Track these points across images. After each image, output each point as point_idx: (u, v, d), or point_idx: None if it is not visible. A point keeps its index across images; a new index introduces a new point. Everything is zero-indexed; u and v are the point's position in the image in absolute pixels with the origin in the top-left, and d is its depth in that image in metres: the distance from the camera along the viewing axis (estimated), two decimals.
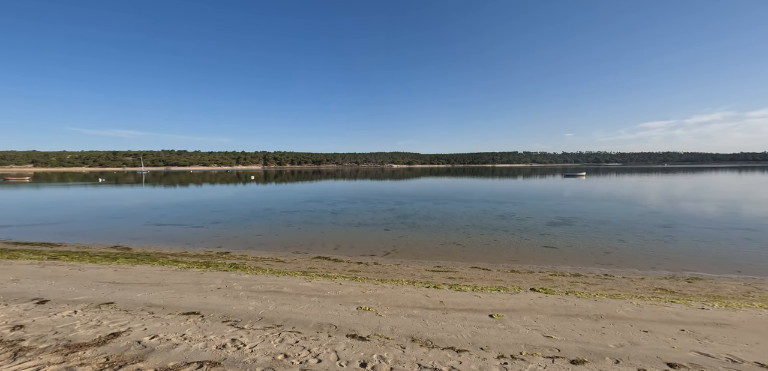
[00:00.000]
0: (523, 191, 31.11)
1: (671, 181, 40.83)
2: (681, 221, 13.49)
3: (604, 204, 19.82)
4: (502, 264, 8.45)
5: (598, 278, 6.79)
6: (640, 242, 10.24)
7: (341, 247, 10.97)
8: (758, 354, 3.06)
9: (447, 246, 10.78)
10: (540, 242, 10.80)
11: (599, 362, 3.22)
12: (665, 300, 4.95)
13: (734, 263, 7.83)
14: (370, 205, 21.87)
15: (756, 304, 4.57)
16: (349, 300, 5.60)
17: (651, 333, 3.77)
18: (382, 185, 41.75)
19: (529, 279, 6.88)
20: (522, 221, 14.81)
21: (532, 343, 3.79)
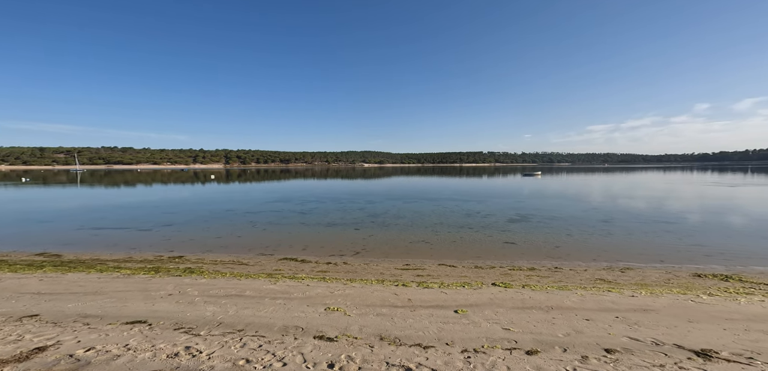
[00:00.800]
0: (487, 189, 32.80)
1: (610, 180, 45.95)
2: (617, 216, 15.25)
3: (555, 201, 21.65)
4: (467, 261, 8.86)
5: (550, 271, 7.44)
6: (584, 236, 11.39)
7: (310, 248, 10.69)
8: (676, 336, 3.59)
9: (416, 244, 11.04)
10: (501, 238, 11.51)
11: (550, 351, 3.52)
12: (603, 289, 5.58)
13: (658, 253, 9.05)
14: (340, 204, 21.59)
15: (674, 290, 5.35)
16: (316, 301, 5.50)
17: (592, 321, 4.21)
18: (352, 185, 41.37)
19: (490, 274, 7.31)
20: (485, 218, 15.65)
21: (492, 336, 4.03)
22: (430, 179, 51.93)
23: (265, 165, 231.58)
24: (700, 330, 3.64)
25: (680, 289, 5.35)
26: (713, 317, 4.06)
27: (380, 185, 39.93)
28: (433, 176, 62.11)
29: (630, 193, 26.51)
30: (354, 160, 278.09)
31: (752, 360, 2.88)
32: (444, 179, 51.41)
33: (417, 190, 32.91)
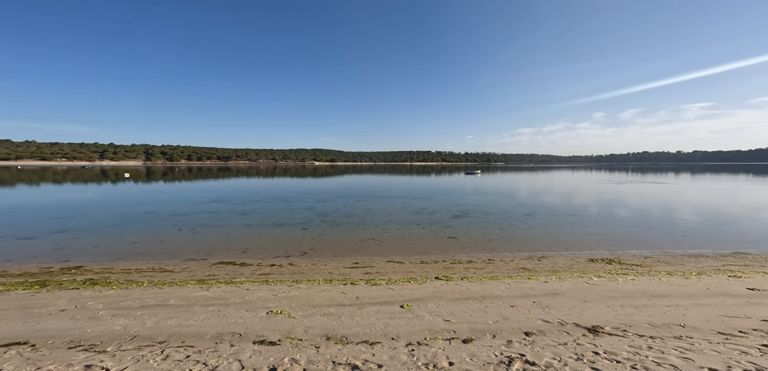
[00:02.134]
0: (434, 187, 34.57)
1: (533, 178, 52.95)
2: (537, 210, 17.68)
3: (491, 198, 23.97)
4: (414, 256, 9.29)
5: (484, 262, 8.29)
6: (512, 229, 12.93)
7: (251, 250, 9.92)
8: (575, 315, 4.35)
9: (366, 242, 11.13)
10: (445, 233, 12.34)
11: (483, 338, 3.93)
12: (525, 277, 6.45)
13: (564, 242, 10.80)
14: (287, 204, 20.56)
15: (575, 275, 6.49)
16: (257, 306, 5.18)
17: (516, 307, 4.83)
18: (301, 183, 39.70)
19: (434, 269, 7.80)
20: (431, 215, 16.56)
21: (434, 328, 4.31)
22: (382, 178, 52.68)
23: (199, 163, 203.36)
24: (592, 309, 4.50)
25: (579, 273, 6.51)
26: (601, 296, 5.05)
27: (331, 184, 39.07)
28: (384, 175, 63.11)
29: (547, 189, 31.02)
30: (304, 158, 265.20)
31: (626, 332, 3.69)
32: (395, 178, 52.66)
33: (368, 188, 33.12)
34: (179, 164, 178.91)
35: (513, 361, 3.21)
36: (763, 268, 6.76)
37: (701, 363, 2.81)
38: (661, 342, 3.30)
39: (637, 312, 4.22)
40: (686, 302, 4.52)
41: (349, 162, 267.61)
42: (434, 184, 39.43)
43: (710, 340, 3.25)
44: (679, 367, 2.75)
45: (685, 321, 3.78)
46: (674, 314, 4.06)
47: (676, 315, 4.03)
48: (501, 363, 3.22)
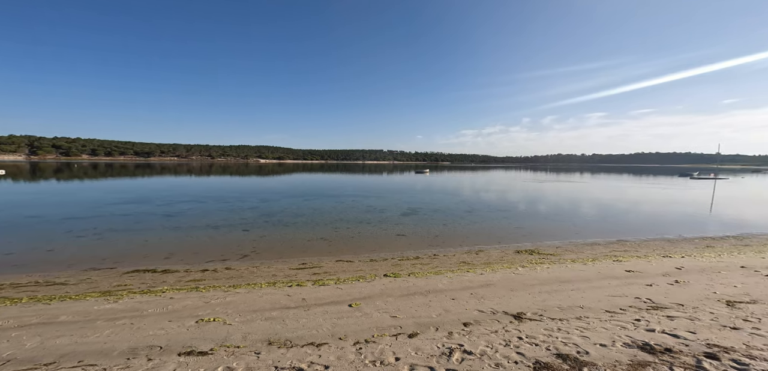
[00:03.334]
0: (385, 185, 35.23)
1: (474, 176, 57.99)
2: (476, 207, 19.45)
3: (438, 196, 25.46)
4: (363, 255, 9.35)
5: (430, 258, 8.79)
6: (455, 225, 13.99)
7: (178, 255, 8.78)
8: (504, 304, 4.92)
9: (314, 242, 10.81)
10: (394, 230, 12.71)
11: (427, 331, 4.16)
12: (464, 270, 7.05)
13: (497, 236, 12.12)
14: (225, 204, 18.82)
15: (505, 266, 7.34)
16: (184, 314, 4.65)
17: (456, 300, 5.23)
18: (243, 182, 36.71)
19: (383, 266, 7.97)
20: (382, 213, 16.86)
21: (382, 325, 4.40)
22: (333, 176, 51.68)
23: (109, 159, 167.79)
24: (517, 297, 5.15)
25: (508, 264, 7.40)
26: (524, 285, 5.82)
27: (278, 183, 36.95)
28: (336, 173, 62.07)
29: (486, 187, 34.32)
30: (247, 155, 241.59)
31: (542, 316, 4.32)
32: (347, 176, 52.16)
33: (318, 187, 32.20)
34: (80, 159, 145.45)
35: (453, 352, 3.47)
36: (637, 253, 8.61)
37: (595, 339, 3.46)
38: (567, 323, 3.96)
39: (551, 297, 4.98)
40: (584, 285, 5.51)
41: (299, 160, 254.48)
42: (385, 182, 40.15)
43: (600, 318, 4.03)
44: (579, 345, 3.33)
45: (584, 303, 4.61)
46: (576, 297, 4.91)
47: (577, 298, 4.88)
48: (443, 354, 3.46)
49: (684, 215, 16.78)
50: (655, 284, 5.32)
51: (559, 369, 2.88)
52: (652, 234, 11.94)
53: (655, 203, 21.56)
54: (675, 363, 2.78)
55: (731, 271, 5.98)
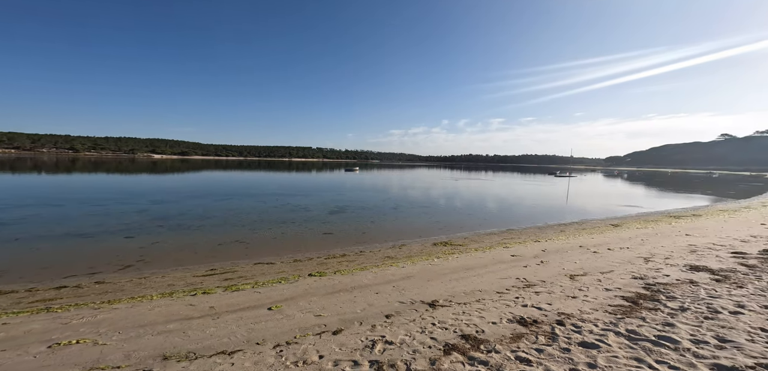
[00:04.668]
0: (313, 183, 34.08)
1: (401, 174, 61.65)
2: (402, 204, 20.72)
3: (367, 193, 26.03)
4: (286, 255, 8.86)
5: (356, 255, 8.96)
6: (381, 222, 14.61)
7: (13, 272, 6.63)
8: (422, 294, 5.45)
9: (227, 246, 9.67)
10: (321, 229, 12.45)
11: (351, 326, 4.25)
12: (388, 264, 7.47)
13: (418, 230, 13.19)
14: (97, 207, 15.28)
15: (424, 258, 8.11)
16: (29, 341, 3.75)
17: (380, 294, 5.50)
18: (128, 181, 30.67)
19: (308, 266, 7.72)
20: (308, 211, 16.28)
21: (305, 325, 4.30)
22: (254, 174, 47.26)
23: None
24: (433, 286, 5.78)
25: (426, 256, 8.20)
26: (438, 274, 6.57)
27: (179, 181, 31.93)
28: (257, 171, 56.68)
29: (411, 185, 36.95)
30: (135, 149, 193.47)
31: (451, 302, 4.99)
32: (269, 174, 48.46)
33: (235, 185, 29.04)
34: None
35: (376, 343, 3.67)
36: (519, 239, 10.68)
37: (488, 318, 4.20)
38: (470, 306, 4.69)
39: (458, 284, 5.78)
40: (482, 271, 6.59)
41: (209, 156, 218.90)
42: (314, 181, 38.96)
43: (492, 299, 4.92)
44: (477, 324, 4.00)
45: (482, 287, 5.53)
46: (476, 282, 5.85)
47: (477, 282, 5.81)
48: (366, 347, 3.61)
49: (550, 206, 21.30)
50: (529, 265, 6.78)
51: (462, 348, 3.40)
52: (529, 223, 14.87)
53: (533, 196, 26.84)
54: (539, 331, 3.64)
55: (573, 250, 8.10)
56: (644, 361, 2.84)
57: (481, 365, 3.03)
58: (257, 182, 33.03)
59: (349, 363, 3.27)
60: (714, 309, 3.94)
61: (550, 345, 3.28)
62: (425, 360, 3.22)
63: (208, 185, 28.59)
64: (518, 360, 3.04)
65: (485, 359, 3.13)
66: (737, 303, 4.09)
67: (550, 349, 3.20)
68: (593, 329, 3.58)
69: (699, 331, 3.36)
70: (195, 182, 31.31)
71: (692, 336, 3.28)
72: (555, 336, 3.49)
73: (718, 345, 3.06)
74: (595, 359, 2.94)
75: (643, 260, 6.65)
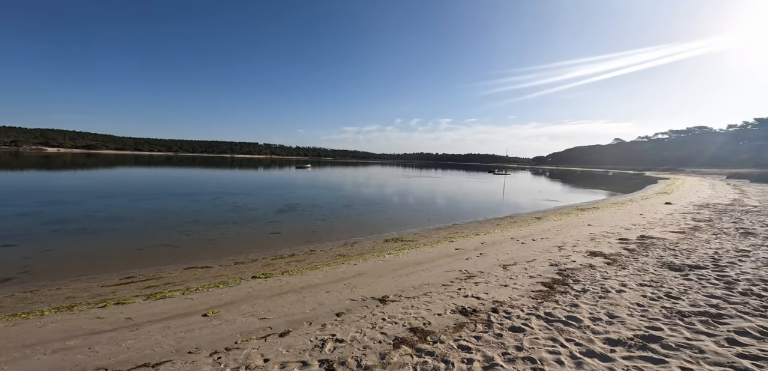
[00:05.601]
0: (260, 181, 32.00)
1: (355, 171, 61.34)
2: (354, 201, 20.67)
3: (319, 191, 25.25)
4: (226, 258, 8.12)
5: (306, 254, 8.65)
6: (333, 219, 14.34)
7: None
8: (373, 290, 5.52)
9: (149, 251, 8.48)
10: (267, 229, 11.71)
11: (300, 327, 4.11)
12: (340, 262, 7.39)
13: (371, 227, 13.34)
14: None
15: (375, 255, 8.23)
16: None
17: (330, 292, 5.41)
18: (6, 178, 26.37)
19: (252, 268, 7.20)
20: (253, 211, 15.18)
21: (247, 329, 4.02)
22: (187, 171, 42.47)
23: None
24: (383, 282, 5.91)
25: (377, 253, 8.34)
26: (389, 270, 6.75)
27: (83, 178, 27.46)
28: (193, 168, 50.72)
29: (365, 182, 37.06)
30: (18, 140, 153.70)
31: (400, 296, 5.17)
32: (208, 172, 43.83)
33: (161, 184, 25.76)
34: None
35: (326, 342, 3.61)
36: (462, 233, 11.53)
37: (434, 310, 4.47)
38: (418, 299, 4.93)
39: (408, 279, 6.02)
40: (430, 265, 6.99)
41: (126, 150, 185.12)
42: (260, 178, 36.55)
43: (438, 291, 5.26)
44: (424, 317, 4.23)
45: (429, 280, 5.87)
46: (424, 276, 6.18)
47: (425, 276, 6.15)
48: (316, 346, 3.53)
49: (489, 201, 23.41)
50: (470, 257, 7.43)
51: (411, 341, 3.56)
52: (472, 217, 16.11)
53: (476, 192, 29.25)
54: (477, 320, 4.02)
55: (506, 242, 9.14)
56: (557, 340, 3.35)
57: (427, 356, 3.22)
58: (191, 180, 29.69)
59: (298, 364, 3.17)
60: (606, 288, 4.87)
61: (487, 332, 3.65)
62: (375, 355, 3.29)
63: (124, 183, 24.76)
64: (460, 349, 3.31)
65: (431, 349, 3.34)
66: (622, 282, 5.11)
67: (486, 336, 3.56)
68: (520, 314, 4.10)
69: (595, 309, 4.11)
70: (106, 179, 26.91)
71: (591, 314, 3.98)
72: (490, 323, 3.89)
73: (608, 320, 3.78)
74: (522, 341, 3.37)
75: (557, 248, 7.81)
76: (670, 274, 5.32)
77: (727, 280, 4.84)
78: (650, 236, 8.68)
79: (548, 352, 3.11)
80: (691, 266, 5.71)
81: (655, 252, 6.86)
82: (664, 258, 6.33)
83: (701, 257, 6.30)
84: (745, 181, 35.85)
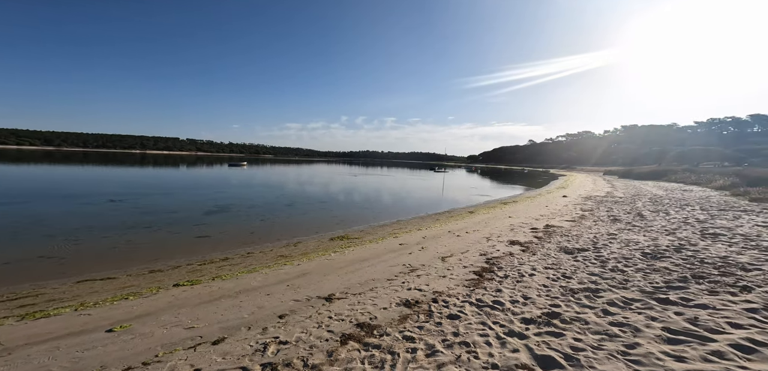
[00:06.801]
0: (182, 180, 28.63)
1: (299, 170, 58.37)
2: (297, 200, 19.71)
3: (258, 190, 23.36)
4: (137, 267, 6.92)
5: (243, 257, 7.92)
6: (274, 219, 13.44)
7: None
8: (318, 289, 5.37)
9: (22, 265, 6.87)
10: (192, 233, 10.41)
11: (236, 333, 3.77)
12: (281, 264, 6.99)
13: (316, 226, 12.88)
14: None
15: (320, 254, 8.01)
16: None
17: (272, 295, 5.09)
18: None
19: (173, 275, 6.29)
20: (173, 214, 13.31)
21: (171, 341, 3.57)
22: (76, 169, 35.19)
23: None
24: (329, 280, 5.82)
25: (323, 252, 8.15)
26: (335, 268, 6.67)
27: None
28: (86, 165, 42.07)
29: (309, 180, 35.60)
30: None
31: (347, 293, 5.16)
32: (109, 170, 36.96)
33: (37, 184, 21.17)
34: None
35: (268, 345, 3.40)
36: (406, 229, 12.05)
37: (380, 305, 4.61)
38: (364, 295, 5.00)
39: (354, 276, 6.05)
40: (375, 261, 7.15)
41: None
42: (182, 177, 32.38)
43: (384, 286, 5.43)
44: (371, 312, 4.32)
45: (375, 276, 6.01)
46: (370, 272, 6.30)
47: (371, 272, 6.27)
48: (257, 351, 3.30)
49: (431, 197, 24.80)
50: (413, 252, 7.85)
51: (358, 336, 3.60)
52: (415, 213, 16.82)
53: (419, 189, 30.81)
54: (420, 311, 4.30)
55: (445, 236, 9.91)
56: (486, 323, 3.78)
57: (374, 349, 3.32)
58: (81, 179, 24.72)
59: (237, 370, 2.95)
60: (521, 273, 5.72)
61: (428, 321, 3.93)
62: (322, 353, 3.24)
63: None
64: (405, 339, 3.50)
65: (378, 342, 3.45)
66: (532, 267, 6.07)
67: (428, 325, 3.83)
68: (456, 302, 4.53)
69: (514, 293, 4.78)
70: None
71: (511, 297, 4.60)
72: (431, 313, 4.20)
73: (523, 302, 4.43)
74: (458, 327, 3.72)
75: (486, 239, 8.82)
76: (565, 257, 6.54)
77: (601, 259, 6.18)
78: (553, 225, 10.47)
79: (479, 335, 3.48)
80: (579, 249, 7.12)
81: (555, 239, 8.32)
82: (561, 244, 7.72)
83: (585, 241, 7.88)
84: (615, 177, 46.06)
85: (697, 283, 4.51)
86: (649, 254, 6.18)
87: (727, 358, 2.68)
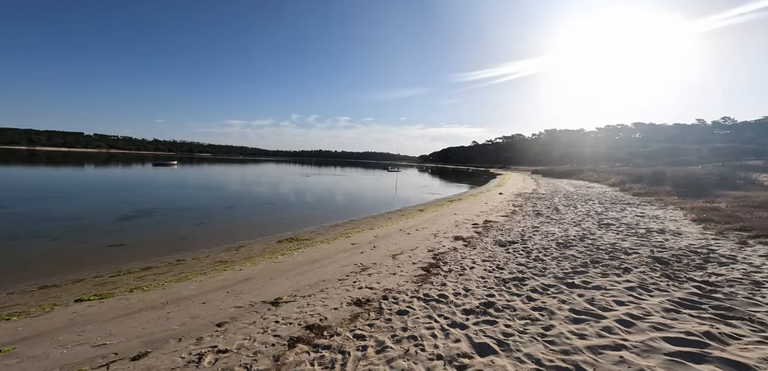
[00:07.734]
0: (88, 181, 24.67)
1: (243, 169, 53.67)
2: (240, 201, 18.16)
3: (191, 192, 20.96)
4: (24, 284, 5.59)
5: (170, 265, 6.97)
6: (212, 223, 12.18)
7: None
8: (263, 294, 5.02)
9: None
10: (102, 242, 8.85)
11: (163, 346, 3.32)
12: (220, 270, 6.35)
13: (261, 228, 11.95)
14: None
15: (266, 257, 7.51)
16: None
17: (208, 303, 4.60)
18: None
19: (74, 290, 5.25)
20: (76, 221, 11.18)
21: (75, 361, 3.09)
22: None
23: None
24: (276, 284, 5.49)
25: (269, 255, 7.65)
26: (283, 271, 6.32)
27: None
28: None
29: (255, 181, 32.98)
30: None
31: (296, 296, 4.94)
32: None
33: None
34: None
35: (204, 356, 3.08)
36: (359, 228, 12.01)
37: (331, 305, 4.51)
38: (314, 297, 4.85)
39: (303, 278, 5.83)
40: (327, 261, 7.00)
41: None
42: (88, 178, 27.66)
43: (335, 286, 5.34)
44: (321, 313, 4.21)
45: (326, 276, 5.87)
46: (321, 273, 6.14)
47: (322, 273, 6.11)
48: (190, 362, 2.98)
49: (383, 197, 25.11)
50: (364, 251, 7.89)
51: (307, 338, 3.49)
52: (367, 213, 16.85)
53: (372, 189, 31.00)
54: (371, 309, 4.34)
55: (396, 234, 10.17)
56: (432, 316, 3.98)
57: (325, 350, 3.25)
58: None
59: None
60: (463, 266, 6.21)
61: (379, 319, 4.00)
62: (268, 358, 3.06)
63: None
64: (355, 338, 3.51)
65: (328, 343, 3.39)
66: (472, 260, 6.64)
67: (378, 322, 3.91)
68: (405, 298, 4.69)
69: (457, 286, 5.14)
70: None
71: (454, 290, 4.94)
72: (381, 310, 4.29)
73: (464, 293, 4.80)
74: (406, 322, 3.84)
75: (433, 236, 9.32)
76: (500, 249, 7.32)
77: (527, 250, 7.08)
78: (490, 220, 11.59)
79: (426, 328, 3.65)
80: (510, 241, 8.03)
81: (492, 233, 9.24)
82: (496, 238, 8.61)
83: (515, 234, 8.90)
84: (540, 175, 52.93)
85: (594, 267, 5.50)
86: (561, 244, 7.29)
87: (614, 332, 3.32)
